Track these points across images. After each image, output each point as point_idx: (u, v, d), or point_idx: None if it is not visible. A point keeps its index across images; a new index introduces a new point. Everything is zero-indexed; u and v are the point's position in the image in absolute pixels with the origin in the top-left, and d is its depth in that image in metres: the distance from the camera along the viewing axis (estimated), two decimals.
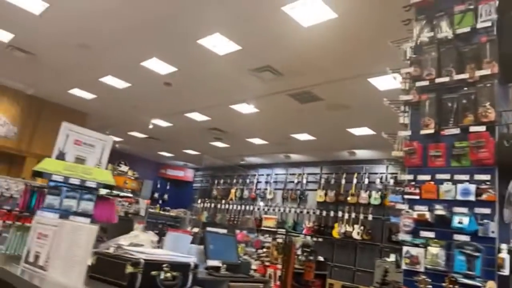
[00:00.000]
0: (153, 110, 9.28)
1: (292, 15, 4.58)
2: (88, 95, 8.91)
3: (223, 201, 13.44)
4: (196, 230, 8.44)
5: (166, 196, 15.65)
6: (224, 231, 4.49)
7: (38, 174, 1.73)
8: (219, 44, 5.52)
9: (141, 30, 5.54)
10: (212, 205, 13.74)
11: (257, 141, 10.58)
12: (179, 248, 2.83)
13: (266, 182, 12.58)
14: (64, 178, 1.72)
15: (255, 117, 8.47)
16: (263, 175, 12.90)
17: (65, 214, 1.70)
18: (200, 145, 12.21)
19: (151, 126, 9.88)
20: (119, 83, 7.80)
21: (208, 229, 3.54)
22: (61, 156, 1.84)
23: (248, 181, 13.29)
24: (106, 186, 1.83)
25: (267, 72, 6.19)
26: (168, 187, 16.04)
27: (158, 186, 15.54)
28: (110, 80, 7.71)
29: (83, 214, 1.75)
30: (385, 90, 6.03)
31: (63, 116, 9.81)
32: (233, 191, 13.44)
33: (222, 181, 14.12)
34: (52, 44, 6.45)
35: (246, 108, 8.06)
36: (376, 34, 4.68)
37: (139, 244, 1.71)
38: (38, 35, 6.18)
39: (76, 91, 8.76)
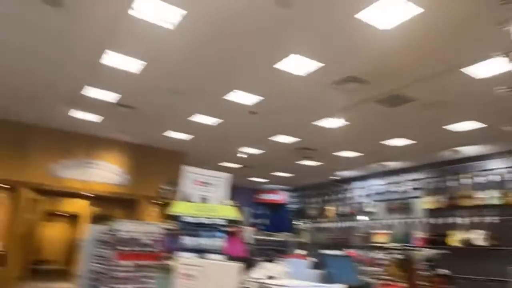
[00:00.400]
0: (243, 139, 9.63)
1: (369, 21, 4.44)
2: (183, 136, 9.63)
3: (321, 220, 13.18)
4: (300, 252, 8.35)
5: (264, 221, 15.88)
6: (340, 252, 4.35)
7: (171, 217, 1.87)
8: (299, 65, 5.57)
9: (221, 66, 5.86)
10: (311, 225, 13.54)
11: (348, 154, 10.27)
12: (300, 275, 2.80)
13: (366, 195, 12.04)
14: (195, 218, 1.84)
15: (343, 130, 8.26)
16: (358, 188, 12.40)
17: (201, 253, 1.81)
18: (290, 166, 12.26)
19: (245, 156, 10.24)
20: (209, 120, 8.29)
21: (323, 251, 3.46)
22: (187, 198, 1.97)
23: (344, 196, 12.88)
24: (233, 222, 1.92)
25: (351, 83, 6.04)
26: (265, 212, 16.29)
27: (255, 212, 15.87)
28: (200, 119, 8.25)
29: (217, 251, 1.84)
30: (481, 79, 5.46)
31: (165, 158, 10.80)
32: (330, 208, 13.12)
33: (317, 199, 13.91)
34: (150, 96, 7.17)
35: (333, 123, 7.91)
36: (466, 21, 4.29)
37: (274, 276, 1.72)
38: (138, 91, 6.92)
39: (173, 134, 9.53)
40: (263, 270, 1.86)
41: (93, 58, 5.71)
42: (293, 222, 14.74)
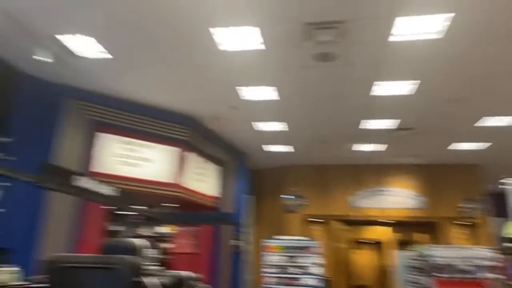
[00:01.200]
0: None
1: None
2: (474, 146, 8.56)
3: None
4: None
5: None
6: None
7: (507, 240, 1.66)
8: None
9: (507, 55, 4.94)
10: None
11: None
12: None
13: None
14: None
15: None
16: None
17: None
18: None
19: None
20: (503, 121, 7.02)
21: None
22: None
23: None
24: None
25: None
26: None
27: None
28: (491, 121, 7.11)
29: None
30: None
31: (457, 174, 9.90)
32: None
33: None
34: (427, 112, 6.87)
35: None
36: None
37: None
38: (414, 111, 6.81)
39: (459, 145, 8.63)
40: None
41: (363, 93, 6.14)
42: None
